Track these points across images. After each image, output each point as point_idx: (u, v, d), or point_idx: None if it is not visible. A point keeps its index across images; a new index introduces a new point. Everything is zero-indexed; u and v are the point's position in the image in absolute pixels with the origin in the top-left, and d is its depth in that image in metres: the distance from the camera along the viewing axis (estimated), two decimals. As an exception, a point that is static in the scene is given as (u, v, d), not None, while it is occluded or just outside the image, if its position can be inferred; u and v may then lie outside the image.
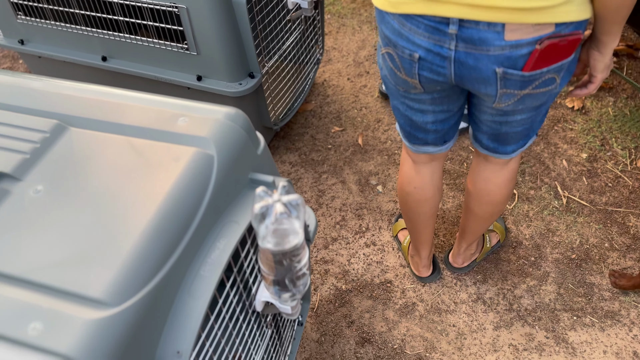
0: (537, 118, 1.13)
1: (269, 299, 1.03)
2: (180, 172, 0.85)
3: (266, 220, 0.82)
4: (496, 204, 1.36)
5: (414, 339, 1.52)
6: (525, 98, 1.01)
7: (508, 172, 1.29)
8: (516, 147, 1.21)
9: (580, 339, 1.48)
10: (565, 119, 2.06)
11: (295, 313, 1.06)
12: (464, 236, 1.52)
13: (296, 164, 2.02)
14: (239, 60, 1.61)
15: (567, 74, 1.02)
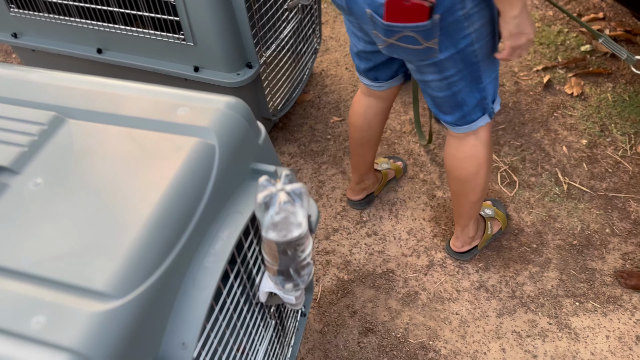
0: (455, 87, 1.20)
1: (273, 290, 1.02)
2: (182, 162, 0.84)
3: (270, 210, 0.81)
4: (463, 180, 1.40)
5: (417, 327, 1.52)
6: (395, 47, 1.14)
7: (469, 148, 1.34)
8: (453, 118, 1.29)
9: (583, 324, 1.48)
10: (565, 105, 2.05)
11: (299, 303, 1.06)
12: (455, 217, 1.56)
13: (295, 155, 2.00)
14: (236, 50, 1.60)
15: (450, 45, 1.09)
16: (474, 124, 1.29)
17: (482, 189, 1.43)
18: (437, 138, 2.00)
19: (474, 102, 1.24)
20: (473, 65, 1.15)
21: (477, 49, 1.12)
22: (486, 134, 1.33)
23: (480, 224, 1.64)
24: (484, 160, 1.36)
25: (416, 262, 1.66)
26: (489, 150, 1.36)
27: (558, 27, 2.38)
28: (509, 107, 2.07)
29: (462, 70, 1.15)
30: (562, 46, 2.29)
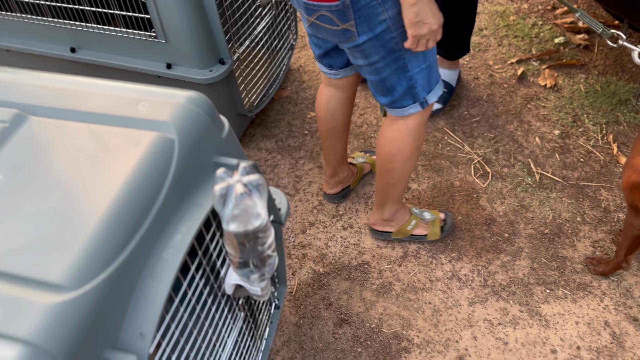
0: (383, 73, 1.24)
1: (239, 282, 1.03)
2: (140, 156, 0.85)
3: (227, 201, 0.82)
4: (383, 159, 1.46)
5: (390, 317, 1.54)
6: (316, 26, 1.21)
7: (395, 131, 1.39)
8: (386, 100, 1.33)
9: (553, 311, 1.51)
10: (538, 97, 2.08)
11: (265, 294, 1.07)
12: (375, 191, 1.63)
13: (273, 151, 2.02)
14: (208, 46, 1.61)
15: (367, 29, 1.14)
16: (404, 109, 1.34)
17: (398, 174, 1.48)
18: (413, 131, 2.02)
19: (402, 89, 1.28)
20: (396, 53, 1.19)
21: (397, 36, 1.15)
22: (416, 123, 1.37)
23: (404, 215, 1.65)
24: (404, 146, 1.41)
25: (391, 253, 1.68)
26: (415, 139, 1.40)
27: (533, 20, 2.41)
28: (483, 99, 2.10)
29: (385, 57, 1.20)
30: (536, 39, 2.32)
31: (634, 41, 2.25)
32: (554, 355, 1.43)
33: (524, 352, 1.44)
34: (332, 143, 1.66)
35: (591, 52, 2.24)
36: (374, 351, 1.48)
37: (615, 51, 2.23)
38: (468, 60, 2.26)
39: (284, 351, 1.50)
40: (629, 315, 1.49)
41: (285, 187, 1.90)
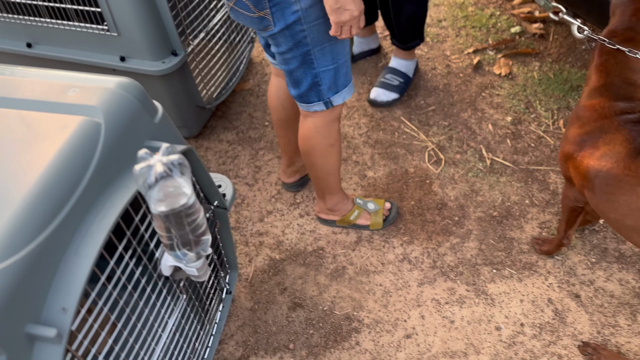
0: (291, 65, 1.28)
1: (174, 263, 1.06)
2: (66, 139, 0.88)
3: (148, 181, 0.85)
4: (303, 154, 1.52)
5: (343, 300, 1.58)
6: (236, 12, 1.24)
7: (305, 129, 1.45)
8: (294, 93, 1.36)
9: (499, 290, 1.56)
10: (493, 85, 2.13)
11: (202, 275, 1.10)
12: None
13: (233, 142, 2.05)
14: (160, 38, 1.63)
15: (281, 17, 1.17)
16: (310, 105, 1.38)
17: (321, 169, 1.54)
18: (371, 121, 2.06)
19: (307, 84, 1.32)
20: (304, 47, 1.23)
21: (307, 29, 1.19)
22: (322, 121, 1.41)
23: (346, 205, 1.70)
24: (317, 144, 1.46)
25: (345, 239, 1.72)
26: (324, 137, 1.44)
27: (490, 11, 2.46)
28: (440, 89, 2.15)
29: (292, 49, 1.24)
30: (493, 29, 2.37)
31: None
32: (498, 332, 1.48)
33: (470, 330, 1.49)
34: (285, 133, 1.69)
35: (546, 40, 2.30)
36: (325, 332, 1.52)
37: (570, 39, 2.29)
38: (426, 51, 2.31)
39: (238, 335, 1.53)
40: (572, 292, 1.54)
41: (244, 178, 1.93)
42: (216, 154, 2.01)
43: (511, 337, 1.47)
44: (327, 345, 1.49)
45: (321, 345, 1.50)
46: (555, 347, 1.44)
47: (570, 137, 1.29)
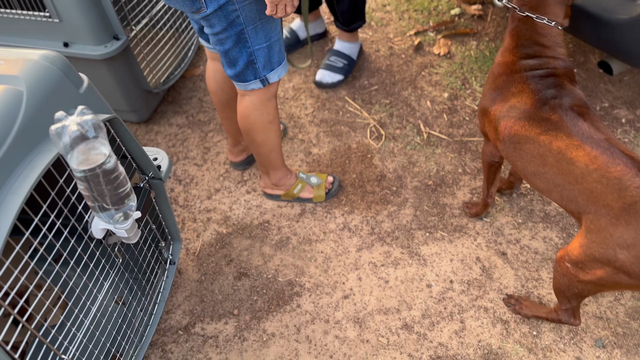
0: (226, 45, 1.33)
1: (104, 225, 1.13)
2: (-13, 106, 0.94)
3: (63, 139, 0.92)
4: (243, 131, 1.58)
5: (286, 267, 1.66)
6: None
7: (243, 107, 1.51)
8: (230, 72, 1.42)
9: (431, 251, 1.66)
10: (432, 64, 2.23)
11: (133, 237, 1.17)
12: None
13: (183, 126, 2.11)
14: (101, 23, 1.69)
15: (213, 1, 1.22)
16: (247, 84, 1.44)
17: (261, 145, 1.60)
18: (317, 101, 2.14)
19: (243, 63, 1.38)
20: (237, 27, 1.29)
21: (239, 9, 1.25)
22: (259, 98, 1.47)
23: (290, 180, 1.77)
24: (255, 121, 1.52)
25: (290, 212, 1.80)
26: (263, 114, 1.51)
27: (433, -5, 2.56)
28: (382, 69, 2.24)
29: (227, 29, 1.29)
30: (434, 11, 2.47)
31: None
32: (429, 289, 1.58)
33: (403, 288, 1.58)
34: (227, 114, 1.76)
35: (484, 21, 2.41)
36: (268, 298, 1.60)
37: (506, 19, 2.40)
38: (370, 34, 2.40)
39: (185, 305, 1.60)
40: (499, 250, 1.65)
41: (193, 159, 2.00)
42: (166, 137, 2.07)
43: (441, 293, 1.56)
44: (270, 310, 1.57)
45: (264, 310, 1.57)
46: (482, 301, 1.54)
47: (485, 93, 1.40)
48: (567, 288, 1.26)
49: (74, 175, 0.97)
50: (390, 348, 1.46)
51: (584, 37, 1.64)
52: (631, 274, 1.11)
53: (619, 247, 1.10)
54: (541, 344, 1.45)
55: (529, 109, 1.27)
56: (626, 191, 1.10)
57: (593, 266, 1.17)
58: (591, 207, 1.16)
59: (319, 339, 1.50)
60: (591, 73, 2.13)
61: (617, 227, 1.11)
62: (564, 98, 1.25)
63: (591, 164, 1.15)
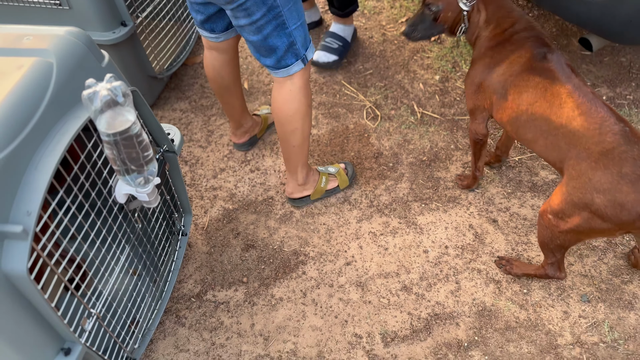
0: (265, 31, 1.34)
1: (127, 190, 1.22)
2: (23, 75, 1.02)
3: (94, 104, 1.01)
4: (282, 123, 1.57)
5: (291, 239, 1.76)
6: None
7: (286, 93, 1.50)
8: (271, 61, 1.43)
9: (426, 220, 1.76)
10: (424, 49, 2.34)
11: (153, 201, 1.26)
12: (284, 162, 1.73)
13: (187, 111, 2.20)
14: (109, 10, 1.77)
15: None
16: (289, 68, 1.45)
17: (300, 133, 1.58)
18: (315, 85, 2.24)
19: (284, 47, 1.40)
20: (275, 9, 1.32)
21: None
22: (301, 80, 1.49)
23: (314, 176, 1.79)
24: (299, 106, 1.52)
25: (292, 188, 1.90)
26: (305, 97, 1.52)
27: (422, -15, 2.67)
28: (376, 55, 2.34)
29: (266, 14, 1.31)
30: None
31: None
32: (425, 254, 1.68)
33: (401, 255, 1.68)
34: (228, 99, 1.80)
35: (472, 9, 2.52)
36: (275, 266, 1.69)
37: (493, 7, 2.51)
38: (364, 22, 2.50)
39: (196, 275, 1.69)
40: (490, 218, 1.76)
41: (198, 141, 2.08)
42: (170, 121, 2.16)
43: (437, 258, 1.67)
44: (277, 277, 1.67)
45: (272, 277, 1.67)
46: (475, 264, 1.65)
47: (476, 71, 1.52)
48: (550, 240, 1.38)
49: (103, 139, 1.05)
50: (391, 307, 1.56)
51: (565, 15, 1.75)
52: (605, 218, 1.23)
53: (595, 191, 1.22)
54: (531, 301, 1.56)
55: (528, 61, 1.42)
56: (605, 136, 1.24)
57: (572, 213, 1.29)
58: (573, 151, 1.29)
59: (324, 301, 1.59)
60: (574, 54, 2.25)
61: (596, 171, 1.23)
62: (556, 54, 1.41)
63: (577, 109, 1.29)
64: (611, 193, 1.20)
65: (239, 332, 1.55)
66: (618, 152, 1.22)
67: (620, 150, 1.22)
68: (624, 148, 1.22)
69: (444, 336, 1.50)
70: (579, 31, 2.34)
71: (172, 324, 1.58)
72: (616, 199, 1.21)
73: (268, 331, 1.54)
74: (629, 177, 1.20)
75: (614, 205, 1.21)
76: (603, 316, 1.51)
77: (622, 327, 1.49)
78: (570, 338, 1.48)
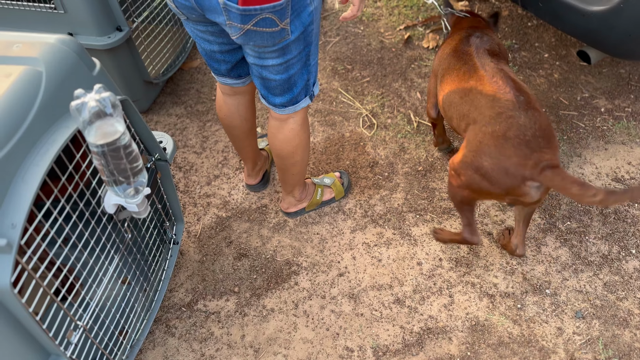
0: (292, 70, 1.28)
1: (116, 201, 1.20)
2: (11, 84, 1.01)
3: (83, 115, 0.99)
4: (283, 157, 1.53)
5: (284, 248, 1.74)
6: (251, 34, 1.16)
7: (288, 131, 1.46)
8: (283, 100, 1.37)
9: (421, 232, 1.75)
10: (421, 57, 2.33)
11: (143, 211, 1.24)
12: (281, 184, 1.72)
13: (182, 116, 2.18)
14: (105, 15, 1.76)
15: (299, 23, 1.18)
16: (298, 104, 1.40)
17: (300, 164, 1.57)
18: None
19: (302, 84, 1.35)
20: (309, 46, 1.26)
21: (314, 28, 1.24)
22: (304, 115, 1.46)
23: (310, 189, 1.78)
24: (300, 141, 1.49)
25: (286, 196, 1.88)
26: (306, 131, 1.49)
27: (422, -8, 2.66)
28: (374, 62, 2.33)
29: (301, 51, 1.25)
30: (423, 7, 2.57)
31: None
32: (419, 266, 1.67)
33: (395, 266, 1.67)
34: (249, 141, 1.71)
35: (471, 17, 2.50)
36: (267, 276, 1.67)
37: (492, 16, 2.50)
38: (362, 29, 2.49)
39: (187, 284, 1.67)
40: (485, 230, 1.74)
41: (192, 147, 2.07)
42: (165, 126, 2.14)
43: (431, 270, 1.65)
44: (269, 287, 1.65)
45: (264, 287, 1.65)
46: (469, 277, 1.64)
47: (436, 62, 1.71)
48: (453, 196, 1.49)
49: (91, 149, 1.04)
50: (383, 321, 1.55)
51: (563, 28, 1.74)
52: (492, 182, 1.32)
53: (484, 154, 1.32)
54: (525, 316, 1.54)
55: (456, 45, 1.63)
56: (498, 102, 1.35)
57: (465, 173, 1.38)
58: (472, 115, 1.40)
59: (316, 313, 1.58)
60: (572, 65, 2.24)
61: (485, 135, 1.34)
62: (481, 40, 1.59)
63: (479, 81, 1.45)
64: (497, 157, 1.30)
65: (229, 344, 1.53)
66: (505, 116, 1.32)
67: (507, 115, 1.32)
68: (511, 113, 1.32)
69: (436, 351, 1.48)
70: (578, 42, 2.33)
71: (162, 333, 1.56)
72: (501, 163, 1.30)
73: (259, 343, 1.53)
74: (512, 141, 1.29)
75: (499, 170, 1.30)
76: (597, 333, 1.50)
77: (616, 345, 1.48)
78: (564, 355, 1.46)
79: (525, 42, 2.36)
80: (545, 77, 2.21)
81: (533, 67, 2.26)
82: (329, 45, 2.42)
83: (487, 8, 2.53)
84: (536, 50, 2.32)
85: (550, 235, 1.72)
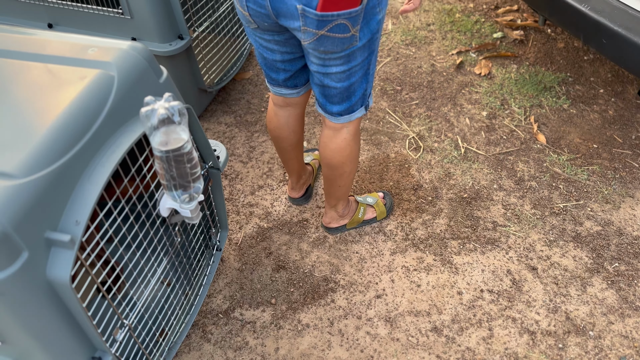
0: (353, 78, 1.29)
1: (172, 205, 1.23)
2: (85, 86, 1.05)
3: (151, 122, 1.02)
4: (333, 168, 1.53)
5: (322, 264, 1.74)
6: (324, 39, 1.17)
7: (340, 141, 1.46)
8: (341, 108, 1.37)
9: (463, 260, 1.72)
10: (472, 83, 2.31)
11: (195, 217, 1.27)
12: (325, 196, 1.72)
13: (231, 125, 2.22)
14: (169, 23, 1.82)
15: (367, 30, 1.19)
16: (353, 114, 1.40)
17: (348, 176, 1.57)
18: (358, 111, 2.23)
19: (361, 93, 1.35)
20: (371, 55, 1.26)
21: (379, 36, 1.24)
22: (357, 126, 1.46)
23: (352, 206, 1.78)
24: (351, 151, 1.49)
25: (328, 212, 1.89)
26: (357, 143, 1.49)
27: (476, 17, 2.64)
28: (424, 85, 2.33)
29: (364, 59, 1.25)
30: (477, 33, 2.55)
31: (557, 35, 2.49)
32: (459, 296, 1.64)
33: (434, 293, 1.64)
34: (296, 154, 1.72)
35: (525, 46, 2.48)
36: (304, 291, 1.68)
37: (547, 45, 2.47)
38: (414, 51, 2.49)
39: (226, 291, 1.69)
40: (529, 265, 1.70)
41: (239, 156, 2.10)
42: (215, 134, 2.19)
43: (471, 301, 1.62)
44: (305, 302, 1.65)
45: (300, 302, 1.65)
46: (511, 311, 1.60)
47: None
48: None
49: (155, 154, 1.07)
50: (419, 348, 1.53)
51: (627, 66, 1.70)
52: None
53: None
54: (566, 357, 1.49)
55: None
56: None
57: None
58: None
59: (351, 333, 1.57)
60: (628, 103, 2.18)
61: None
62: None
63: None
64: None
65: (262, 355, 1.53)
66: None
67: None
68: None
69: (471, 384, 1.45)
70: (635, 79, 2.27)
71: (198, 338, 1.58)
72: None
73: (292, 357, 1.53)
74: None
75: None
76: (643, 383, 1.44)
77: (663, 398, 1.41)
78: (606, 402, 1.41)
79: (580, 76, 2.32)
80: (600, 113, 2.16)
81: (587, 101, 2.21)
82: (379, 65, 2.43)
83: (543, 39, 2.50)
84: (591, 84, 2.28)
85: (597, 276, 1.67)
